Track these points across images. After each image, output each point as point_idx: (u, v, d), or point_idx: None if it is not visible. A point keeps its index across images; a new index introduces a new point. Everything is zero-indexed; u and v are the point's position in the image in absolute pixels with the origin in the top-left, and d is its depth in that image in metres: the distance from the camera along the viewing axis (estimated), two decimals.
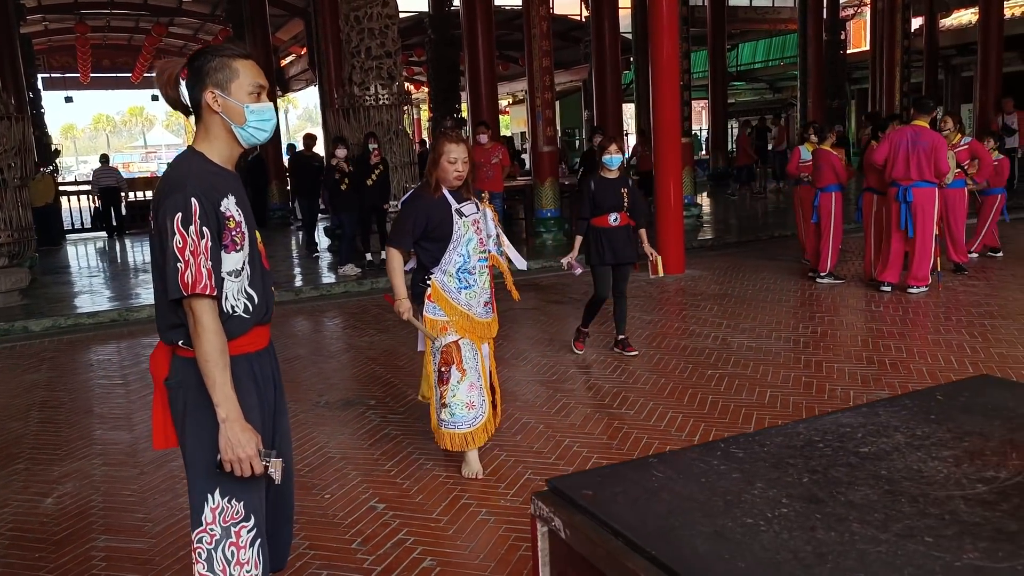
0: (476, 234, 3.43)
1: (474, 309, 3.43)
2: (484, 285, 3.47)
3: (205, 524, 1.91)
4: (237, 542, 1.92)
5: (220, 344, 1.81)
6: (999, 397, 1.64)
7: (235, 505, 1.92)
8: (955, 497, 1.22)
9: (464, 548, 2.99)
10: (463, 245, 3.38)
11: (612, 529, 1.20)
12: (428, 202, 3.39)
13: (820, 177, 7.46)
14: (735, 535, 1.16)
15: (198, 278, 1.77)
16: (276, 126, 2.03)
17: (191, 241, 1.78)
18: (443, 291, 3.40)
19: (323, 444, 4.15)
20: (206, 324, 1.80)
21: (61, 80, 26.07)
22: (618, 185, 5.24)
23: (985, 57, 14.31)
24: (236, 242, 1.88)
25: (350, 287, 8.59)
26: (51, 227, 13.93)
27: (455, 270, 3.38)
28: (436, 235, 3.38)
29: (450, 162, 3.36)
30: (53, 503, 3.61)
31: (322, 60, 14.15)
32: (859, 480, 1.30)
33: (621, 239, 5.25)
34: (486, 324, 3.51)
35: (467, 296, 3.42)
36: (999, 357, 4.94)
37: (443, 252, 3.38)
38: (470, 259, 3.40)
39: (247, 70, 1.89)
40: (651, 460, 1.46)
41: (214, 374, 1.79)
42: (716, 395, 4.55)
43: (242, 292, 1.92)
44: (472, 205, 3.47)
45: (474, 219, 3.44)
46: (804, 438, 1.50)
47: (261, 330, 2.02)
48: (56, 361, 6.34)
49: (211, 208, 1.82)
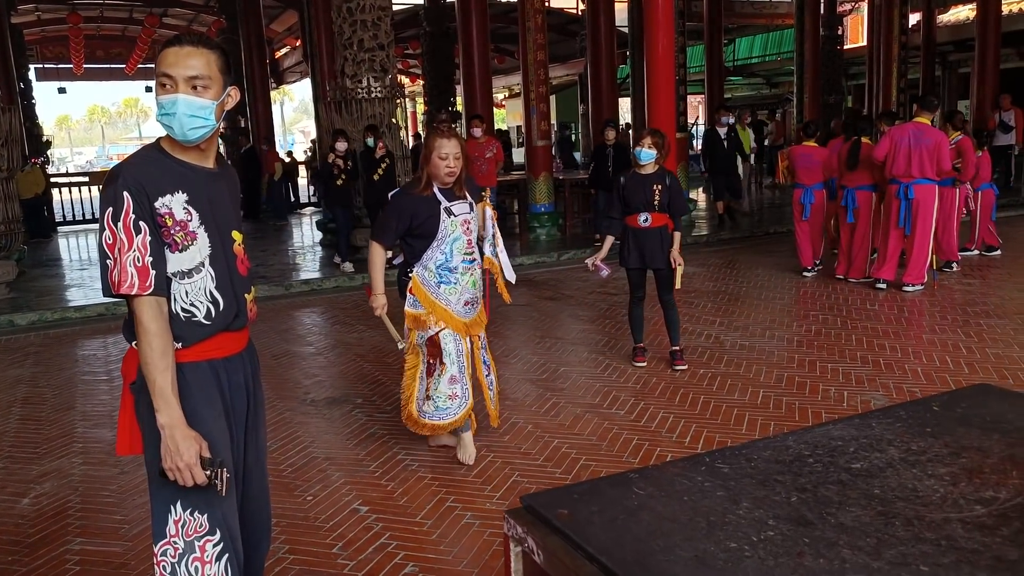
0: (465, 234, 3.37)
1: (452, 306, 3.41)
2: (468, 285, 3.43)
3: (168, 536, 1.83)
4: (202, 557, 1.83)
5: (160, 346, 1.73)
6: (998, 409, 1.57)
7: (198, 518, 1.83)
8: (952, 520, 1.15)
9: (447, 553, 2.92)
10: (447, 244, 3.35)
11: (587, 553, 1.13)
12: (415, 199, 3.34)
13: (809, 175, 7.44)
14: (717, 561, 1.08)
15: (123, 277, 1.70)
16: (194, 119, 1.77)
17: (120, 239, 1.70)
18: (422, 285, 3.41)
19: (308, 444, 4.08)
20: (145, 324, 1.73)
21: (55, 71, 25.83)
22: (651, 182, 4.77)
23: (982, 53, 14.24)
24: (177, 242, 1.77)
25: (341, 282, 8.50)
26: (41, 219, 13.80)
27: (435, 267, 3.38)
28: (421, 232, 3.35)
29: (441, 158, 3.27)
30: (29, 503, 3.53)
31: (315, 52, 14.02)
32: (850, 500, 1.23)
33: (652, 242, 4.78)
34: (466, 322, 3.48)
35: (446, 291, 3.40)
36: (994, 357, 4.88)
37: (426, 249, 3.36)
38: (452, 258, 3.37)
39: (160, 59, 1.76)
40: (632, 476, 1.38)
41: (154, 376, 1.72)
42: (708, 395, 4.48)
43: (204, 295, 1.83)
44: (464, 204, 3.40)
45: (464, 219, 3.37)
46: (793, 452, 1.43)
47: (231, 335, 1.92)
48: (41, 356, 6.25)
49: (146, 202, 1.72)
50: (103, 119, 66.30)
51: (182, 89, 1.75)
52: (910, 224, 6.63)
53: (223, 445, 1.85)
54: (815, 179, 7.40)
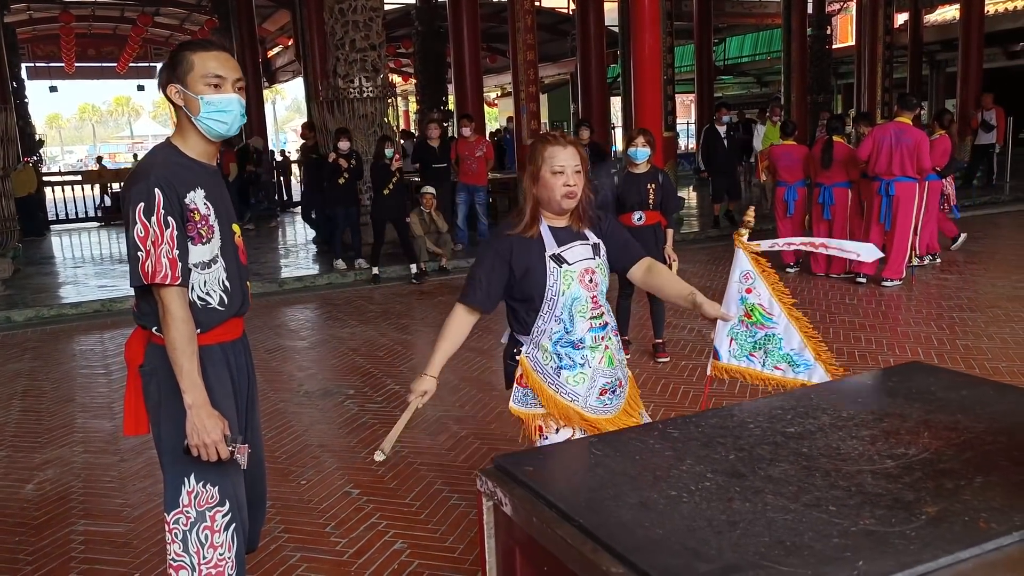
0: (586, 289, 2.25)
1: (582, 400, 2.28)
2: (601, 364, 2.29)
3: (181, 507, 1.97)
4: (212, 526, 1.98)
5: (188, 332, 1.85)
6: (924, 382, 1.74)
7: (210, 490, 1.97)
8: (864, 472, 1.32)
9: (435, 531, 3.08)
10: (563, 307, 2.24)
11: (546, 501, 1.29)
12: (516, 239, 2.27)
13: (791, 173, 7.65)
14: (658, 505, 1.25)
15: (158, 268, 1.81)
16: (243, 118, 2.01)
17: (152, 231, 1.81)
18: (534, 371, 2.31)
19: (301, 432, 4.23)
20: (174, 312, 1.83)
21: (46, 69, 25.86)
22: (645, 180, 4.90)
23: (966, 53, 14.48)
24: (202, 235, 1.90)
25: (334, 279, 8.64)
26: (35, 217, 13.90)
27: (551, 343, 2.27)
28: (521, 290, 2.28)
29: (556, 172, 2.21)
30: (34, 489, 3.67)
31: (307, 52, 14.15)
32: (780, 457, 1.40)
33: (646, 239, 4.81)
34: (605, 423, 2.30)
35: (571, 379, 2.27)
36: (964, 348, 5.07)
37: (534, 316, 2.28)
38: (574, 327, 2.25)
39: (204, 61, 1.90)
40: (592, 440, 1.55)
41: (181, 361, 1.83)
42: (688, 385, 4.66)
43: (218, 283, 1.96)
44: (586, 245, 2.29)
45: (584, 268, 2.26)
46: (738, 419, 1.60)
47: (237, 321, 2.06)
48: (39, 351, 6.38)
49: (175, 198, 1.85)
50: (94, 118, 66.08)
51: (232, 90, 1.92)
52: (890, 220, 6.83)
53: (233, 421, 1.98)
54: (797, 177, 7.60)
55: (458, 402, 4.57)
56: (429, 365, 2.28)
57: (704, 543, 1.12)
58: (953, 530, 1.12)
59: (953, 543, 1.09)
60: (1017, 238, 9.29)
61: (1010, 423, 1.49)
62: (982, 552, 1.08)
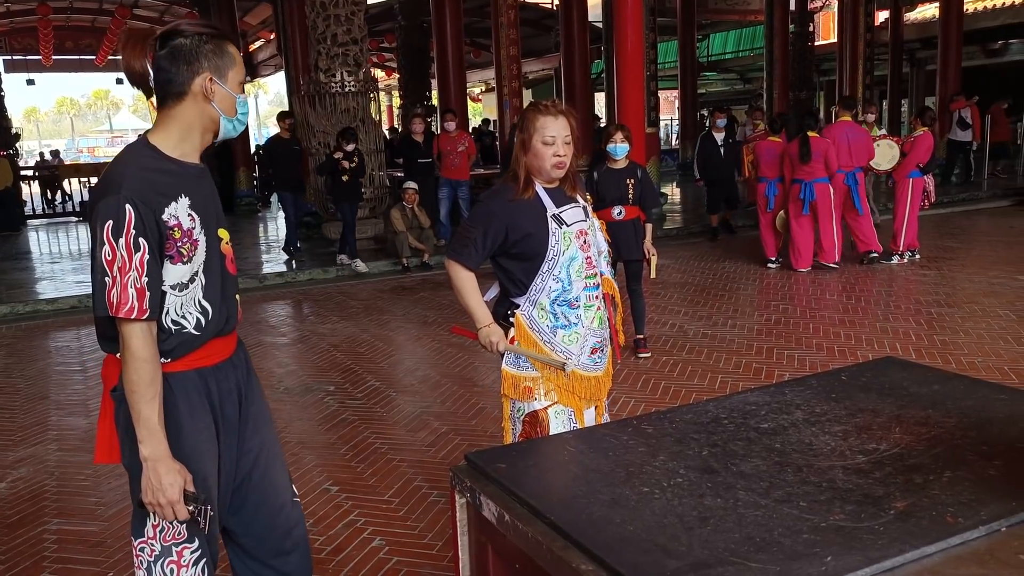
0: (582, 250, 2.36)
1: (575, 358, 2.35)
2: (592, 324, 2.38)
3: (146, 537, 1.79)
4: (179, 561, 1.79)
5: (149, 374, 1.63)
6: (897, 377, 1.75)
7: (177, 527, 1.77)
8: (836, 467, 1.32)
9: (414, 528, 3.07)
10: (562, 267, 2.33)
11: (518, 498, 1.29)
12: (512, 203, 2.35)
13: (772, 169, 7.74)
14: (630, 502, 1.24)
15: (123, 299, 1.59)
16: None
17: (120, 256, 1.59)
18: (530, 330, 2.35)
19: (280, 429, 4.19)
20: (135, 351, 1.61)
21: (23, 62, 25.43)
22: (624, 176, 4.96)
23: (945, 51, 14.62)
24: (183, 253, 1.68)
25: (315, 275, 8.59)
26: (10, 212, 13.70)
27: (549, 301, 2.34)
28: (521, 251, 2.34)
29: (546, 143, 2.29)
30: (6, 487, 3.62)
31: (289, 46, 14.03)
32: (753, 453, 1.40)
33: (626, 234, 4.92)
34: (594, 380, 2.42)
35: (565, 338, 2.35)
36: (940, 343, 5.13)
37: (533, 275, 2.34)
38: (571, 286, 2.34)
39: (239, 59, 1.74)
40: (566, 436, 1.54)
41: (139, 406, 1.62)
42: (668, 381, 4.67)
43: (194, 304, 1.73)
44: (578, 208, 2.41)
45: (580, 229, 2.38)
46: (712, 415, 1.60)
47: (220, 342, 1.82)
48: (13, 348, 6.29)
49: (150, 215, 1.61)
50: (72, 111, 65.23)
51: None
52: (860, 206, 7.50)
53: (208, 458, 1.77)
54: (777, 173, 7.66)
55: (439, 398, 4.56)
56: (479, 319, 2.36)
57: (674, 539, 1.12)
58: (921, 525, 1.13)
59: (920, 538, 1.10)
60: (994, 235, 9.41)
61: (980, 418, 1.50)
62: (948, 547, 1.09)
